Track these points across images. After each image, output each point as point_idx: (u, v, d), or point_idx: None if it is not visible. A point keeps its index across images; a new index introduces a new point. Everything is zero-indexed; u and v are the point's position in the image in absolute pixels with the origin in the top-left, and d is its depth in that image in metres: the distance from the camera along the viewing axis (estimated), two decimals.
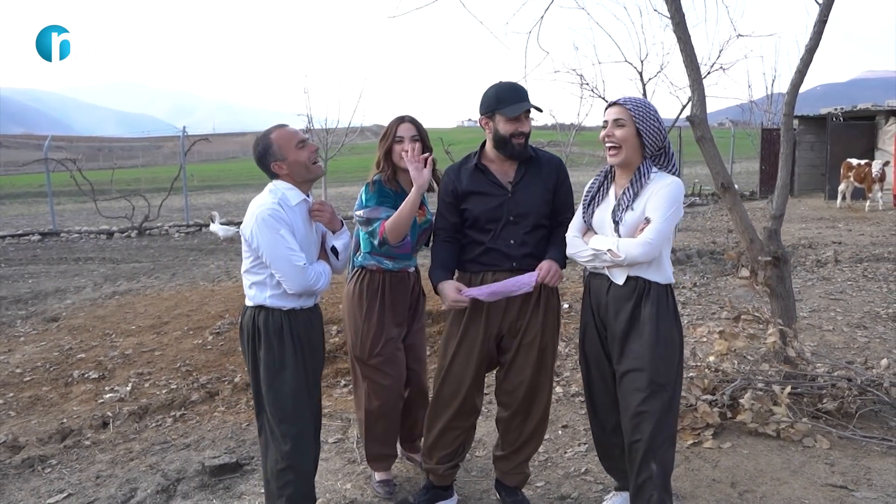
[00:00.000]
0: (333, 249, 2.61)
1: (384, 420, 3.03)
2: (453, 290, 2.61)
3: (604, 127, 2.51)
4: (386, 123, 3.03)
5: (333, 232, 2.63)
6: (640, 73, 9.36)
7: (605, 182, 2.59)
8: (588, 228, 2.60)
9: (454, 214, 2.72)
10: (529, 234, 2.66)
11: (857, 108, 17.67)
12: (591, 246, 2.53)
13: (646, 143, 2.44)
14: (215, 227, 11.86)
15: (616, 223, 2.47)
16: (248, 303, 2.52)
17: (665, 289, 2.48)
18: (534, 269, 2.61)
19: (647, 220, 2.41)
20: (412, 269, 3.09)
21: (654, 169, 2.48)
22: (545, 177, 2.69)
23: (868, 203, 14.17)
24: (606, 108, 2.52)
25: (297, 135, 2.51)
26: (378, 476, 3.12)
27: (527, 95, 2.62)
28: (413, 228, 2.88)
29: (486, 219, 2.66)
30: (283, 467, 2.46)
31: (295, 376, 2.46)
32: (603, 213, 2.54)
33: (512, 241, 2.65)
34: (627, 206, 2.45)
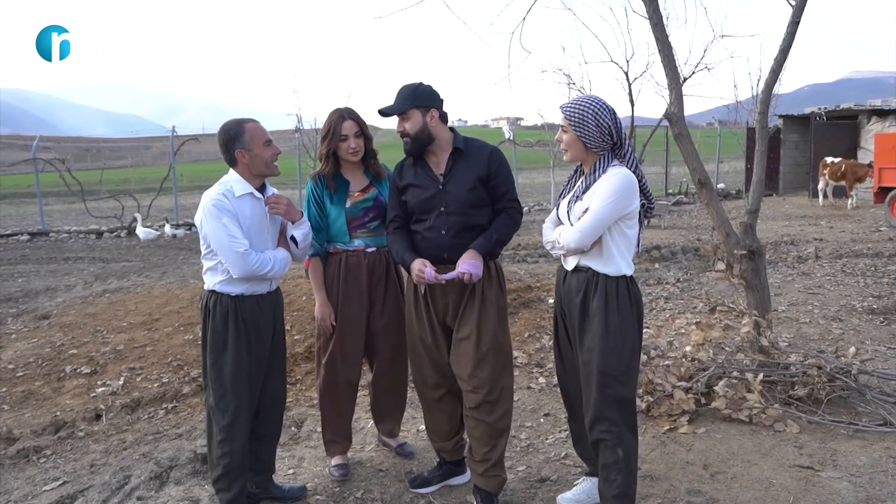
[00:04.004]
0: (293, 238, 2.81)
1: (327, 401, 3.18)
2: (419, 264, 2.70)
3: None
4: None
5: (293, 222, 2.83)
6: (626, 73, 9.52)
7: (575, 175, 2.71)
8: (558, 219, 2.72)
9: (400, 205, 2.88)
10: (461, 222, 2.73)
11: (841, 107, 17.94)
12: (552, 235, 2.65)
13: (586, 144, 2.52)
14: (139, 231, 12.22)
15: (568, 213, 2.60)
16: (204, 286, 2.75)
17: (615, 281, 2.52)
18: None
19: (586, 211, 2.50)
20: (371, 249, 3.14)
21: (615, 162, 2.55)
22: (473, 166, 2.74)
23: (850, 201, 14.43)
24: None
25: (267, 134, 2.70)
26: (333, 461, 3.26)
27: (400, 97, 2.73)
28: (340, 210, 3.06)
29: (420, 210, 2.79)
30: (221, 439, 2.70)
31: (236, 358, 2.67)
32: (564, 203, 2.67)
33: (444, 231, 2.74)
34: (578, 198, 2.57)
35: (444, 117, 2.78)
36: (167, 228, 12.69)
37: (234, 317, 2.67)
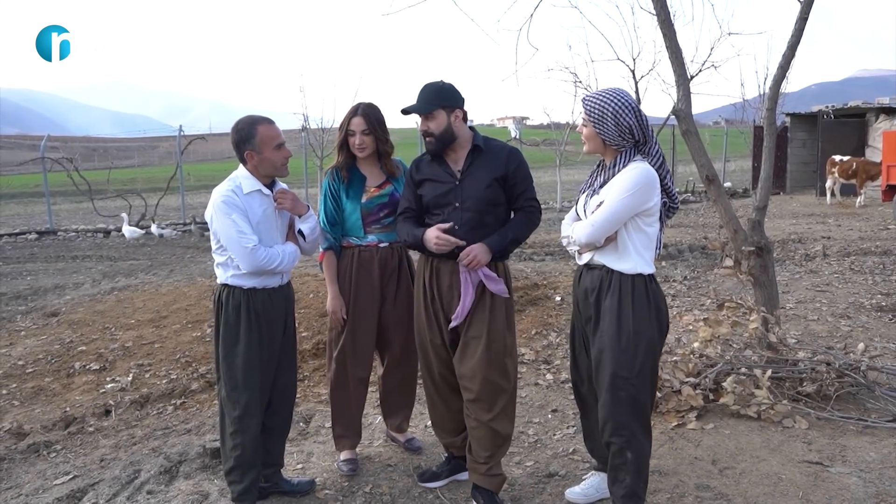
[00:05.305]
0: (300, 232, 2.85)
1: (337, 395, 3.19)
2: (434, 231, 2.69)
3: None
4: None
5: (300, 216, 2.87)
6: (633, 71, 9.49)
7: (597, 169, 2.63)
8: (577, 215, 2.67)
9: (414, 199, 2.89)
10: (475, 219, 2.73)
11: (848, 105, 17.87)
12: (567, 231, 2.62)
13: (604, 141, 2.47)
14: (125, 230, 12.27)
15: (585, 208, 2.56)
16: (217, 280, 2.78)
17: (630, 279, 2.45)
18: None
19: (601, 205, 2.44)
20: (384, 245, 3.15)
21: (638, 157, 2.48)
22: (493, 165, 2.76)
23: (859, 199, 14.36)
24: None
25: (280, 136, 2.73)
26: (342, 455, 3.27)
27: (425, 97, 2.73)
28: (356, 205, 3.09)
29: (435, 204, 2.80)
30: (233, 431, 2.73)
31: (247, 350, 2.70)
32: (583, 198, 2.63)
33: (457, 227, 2.73)
34: (595, 192, 2.52)
35: (464, 116, 2.80)
36: (153, 228, 12.75)
37: (246, 310, 2.71)
